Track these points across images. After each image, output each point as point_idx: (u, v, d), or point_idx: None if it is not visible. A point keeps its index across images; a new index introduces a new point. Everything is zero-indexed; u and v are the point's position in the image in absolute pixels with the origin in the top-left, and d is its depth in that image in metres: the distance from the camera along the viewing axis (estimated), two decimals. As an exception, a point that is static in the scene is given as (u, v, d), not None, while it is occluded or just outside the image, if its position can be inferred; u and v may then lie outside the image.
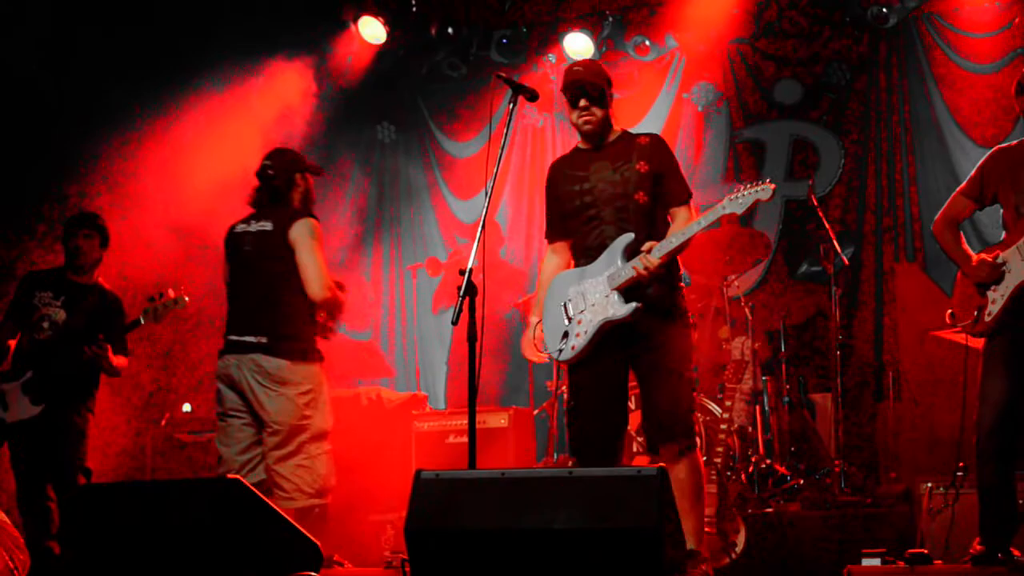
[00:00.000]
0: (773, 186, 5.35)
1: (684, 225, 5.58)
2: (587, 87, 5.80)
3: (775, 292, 9.16)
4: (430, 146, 11.78)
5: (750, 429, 8.52)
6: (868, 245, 10.19)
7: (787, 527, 7.41)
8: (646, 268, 5.42)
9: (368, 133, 11.87)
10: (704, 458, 7.44)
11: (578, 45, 10.67)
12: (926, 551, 5.63)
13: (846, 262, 8.83)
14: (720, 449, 7.12)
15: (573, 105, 5.84)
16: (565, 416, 6.03)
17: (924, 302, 8.61)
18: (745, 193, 5.41)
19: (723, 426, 7.31)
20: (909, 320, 8.80)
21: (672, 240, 5.46)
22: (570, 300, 5.74)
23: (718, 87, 10.90)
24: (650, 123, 10.95)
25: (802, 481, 8.25)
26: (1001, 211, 5.83)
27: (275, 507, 4.92)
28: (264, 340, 6.44)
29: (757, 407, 8.67)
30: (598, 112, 5.82)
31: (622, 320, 5.50)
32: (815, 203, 8.82)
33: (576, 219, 5.83)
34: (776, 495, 8.08)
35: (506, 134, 5.56)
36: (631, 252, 5.53)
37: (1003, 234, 5.77)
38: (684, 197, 5.82)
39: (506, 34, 10.85)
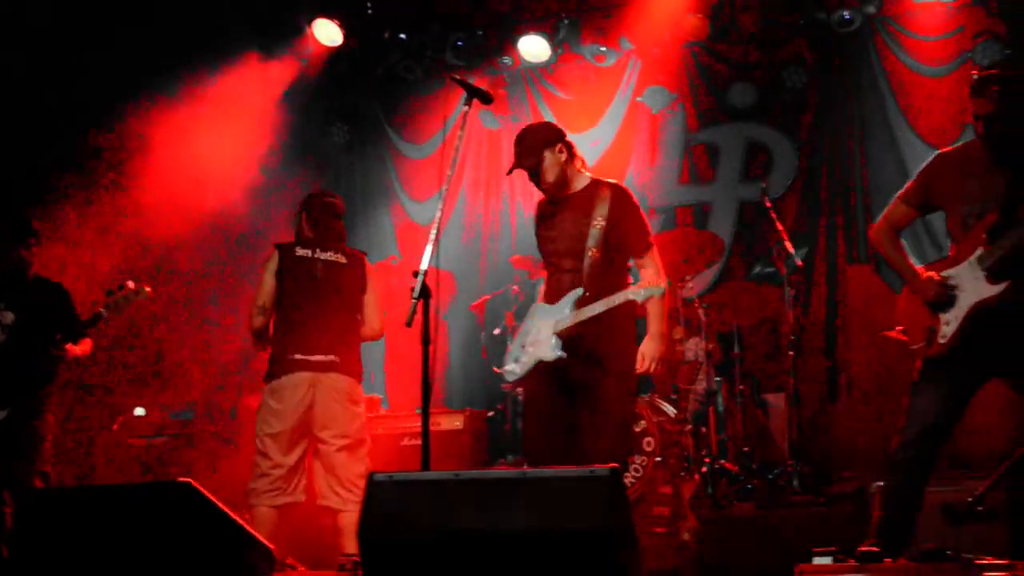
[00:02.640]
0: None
1: (651, 278, 6.02)
2: (525, 168, 6.21)
3: (729, 293, 9.19)
4: (385, 148, 11.76)
5: (704, 429, 8.57)
6: (821, 246, 10.26)
7: (740, 526, 7.47)
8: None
9: (323, 135, 11.83)
10: (659, 458, 7.51)
11: (533, 48, 10.69)
12: (877, 549, 5.65)
13: (799, 263, 8.86)
14: (674, 450, 7.16)
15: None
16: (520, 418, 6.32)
17: (875, 303, 8.69)
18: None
19: (677, 426, 7.35)
20: (861, 320, 8.88)
21: (590, 309, 5.91)
22: (528, 331, 6.23)
23: (673, 90, 10.94)
24: (605, 127, 11.00)
25: (755, 481, 8.30)
26: (946, 218, 5.67)
27: (227, 511, 4.91)
28: (337, 360, 7.08)
29: (711, 407, 8.72)
30: (548, 178, 6.19)
31: (551, 362, 5.97)
32: (768, 205, 8.87)
33: (547, 263, 6.37)
34: (730, 494, 8.13)
35: (460, 136, 5.58)
36: (580, 304, 5.94)
37: (950, 244, 5.63)
38: (643, 248, 6.20)
39: (462, 36, 10.84)
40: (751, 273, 10.40)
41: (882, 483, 5.74)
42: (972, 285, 5.36)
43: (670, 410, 8.32)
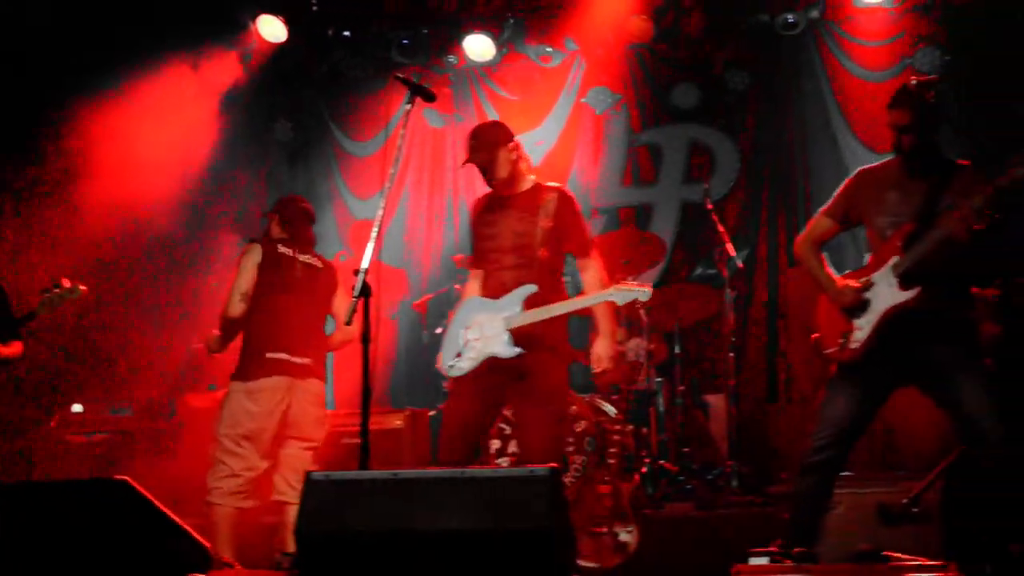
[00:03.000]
0: (650, 292, 6.02)
1: (594, 287, 6.27)
2: (479, 162, 6.33)
3: (670, 294, 9.22)
4: (329, 145, 11.69)
5: (644, 429, 8.60)
6: (762, 248, 10.33)
7: (679, 526, 7.50)
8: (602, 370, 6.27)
9: (266, 131, 11.75)
10: (599, 458, 7.53)
11: (479, 47, 10.68)
12: (812, 549, 5.69)
13: (740, 265, 8.93)
14: (613, 450, 7.17)
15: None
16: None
17: (814, 305, 8.74)
18: (630, 291, 6.01)
19: (617, 426, 7.36)
20: (800, 322, 8.93)
21: (558, 308, 6.10)
22: (470, 326, 6.23)
23: (616, 91, 10.97)
24: (549, 127, 11.02)
25: (695, 481, 8.35)
26: (866, 232, 5.79)
27: (164, 508, 4.87)
28: (313, 363, 7.11)
29: (651, 407, 8.75)
30: (501, 174, 6.32)
31: (506, 358, 6.05)
32: (710, 206, 8.93)
33: (484, 259, 6.39)
34: (669, 495, 8.17)
35: (402, 135, 5.57)
36: (529, 302, 6.06)
37: (868, 256, 5.72)
38: (587, 250, 6.37)
39: (407, 35, 10.81)
40: (693, 274, 10.46)
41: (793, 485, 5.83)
42: (885, 291, 5.48)
43: (611, 410, 8.33)
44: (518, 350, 6.02)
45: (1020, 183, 5.10)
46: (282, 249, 7.13)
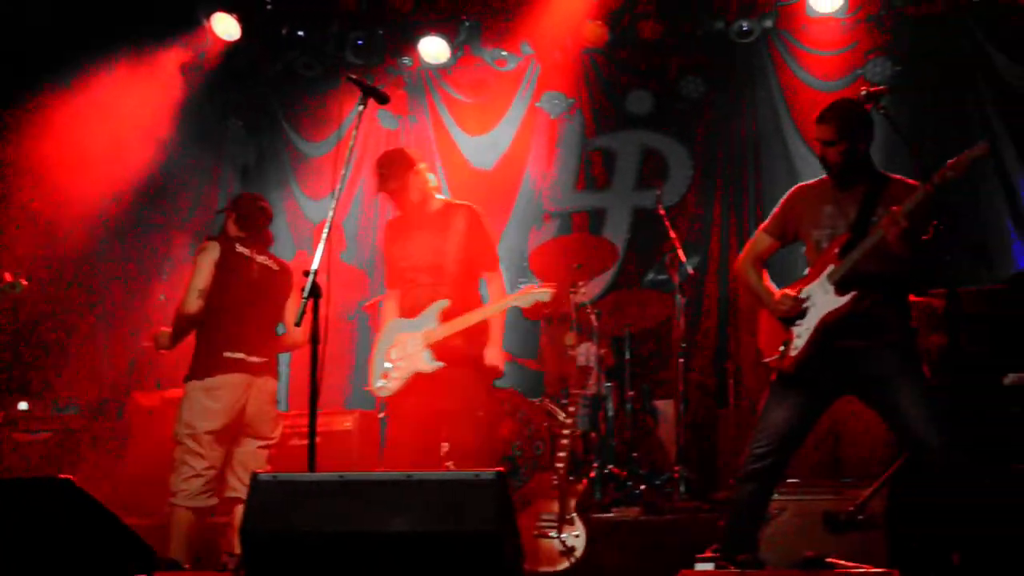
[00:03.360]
0: (554, 291, 6.57)
1: (497, 299, 6.79)
2: (391, 190, 6.75)
3: (621, 299, 9.24)
4: (282, 145, 11.65)
5: (593, 434, 8.61)
6: (714, 255, 10.37)
7: (626, 531, 7.52)
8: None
9: (219, 130, 11.68)
10: (547, 462, 7.54)
11: (433, 49, 10.67)
12: (756, 556, 5.72)
13: (691, 272, 8.97)
14: (563, 454, 7.18)
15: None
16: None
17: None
18: (531, 294, 6.52)
19: (566, 431, 7.37)
20: (750, 328, 8.98)
21: (471, 317, 6.53)
22: (394, 345, 6.66)
23: (571, 96, 10.99)
24: (503, 130, 11.03)
25: (643, 486, 8.36)
26: (803, 249, 5.84)
27: (108, 509, 4.83)
28: (269, 362, 7.16)
29: (601, 412, 8.77)
30: (414, 199, 6.74)
31: (429, 373, 6.49)
32: (662, 212, 8.96)
33: (400, 279, 6.85)
34: (617, 499, 8.18)
35: (355, 136, 5.56)
36: (444, 316, 6.53)
37: (807, 269, 5.74)
38: (493, 265, 6.91)
39: (361, 35, 10.78)
40: (644, 280, 10.50)
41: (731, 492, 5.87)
42: (822, 299, 5.53)
43: (560, 414, 8.34)
44: (439, 364, 6.43)
45: (951, 182, 5.17)
46: (240, 249, 7.09)
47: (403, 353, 6.58)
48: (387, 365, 6.66)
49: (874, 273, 5.43)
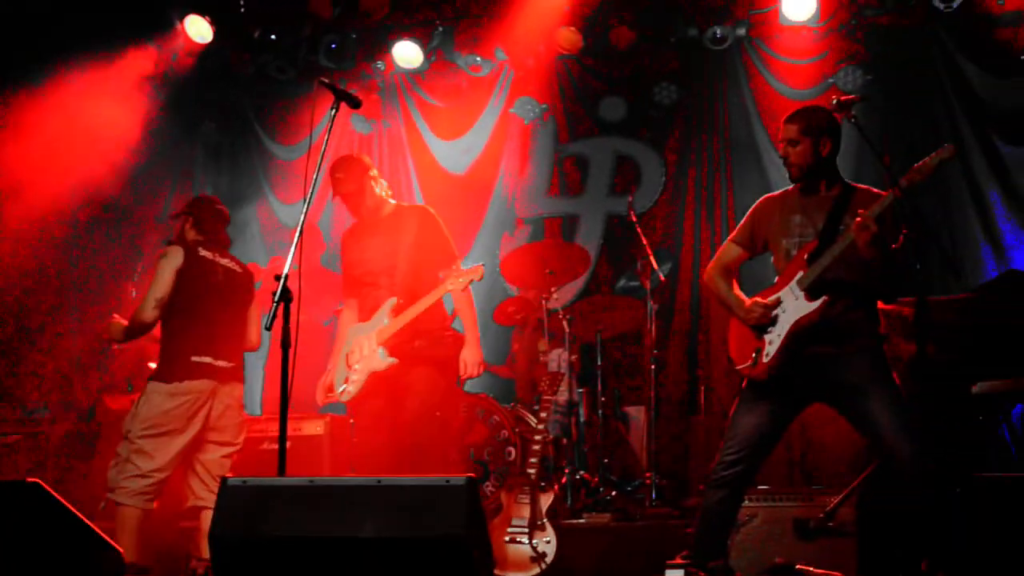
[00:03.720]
0: (483, 269, 6.59)
1: (463, 303, 6.91)
2: (347, 193, 6.93)
3: (593, 305, 9.26)
4: (255, 148, 11.60)
5: (565, 440, 8.62)
6: (685, 262, 10.39)
7: (597, 537, 7.52)
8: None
9: (192, 132, 11.63)
10: (519, 468, 7.54)
11: (407, 53, 10.66)
12: (727, 563, 5.74)
13: (662, 279, 9.00)
14: (534, 460, 7.18)
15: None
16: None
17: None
18: (461, 276, 6.57)
19: (538, 436, 7.37)
20: (721, 335, 9.01)
21: (414, 308, 6.64)
22: (352, 351, 6.80)
23: (544, 102, 11.00)
24: (476, 135, 11.03)
25: (614, 492, 8.37)
26: (772, 259, 5.87)
27: (77, 512, 4.81)
28: (236, 367, 7.17)
29: (572, 418, 8.77)
30: (369, 203, 6.94)
31: (383, 371, 6.62)
32: (634, 219, 8.99)
33: (359, 285, 6.99)
34: (588, 505, 8.19)
35: (327, 140, 5.55)
36: (395, 312, 6.67)
37: (776, 278, 5.77)
38: (449, 263, 6.91)
39: (335, 39, 10.76)
40: (616, 286, 10.52)
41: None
42: (793, 305, 5.55)
43: (531, 420, 8.35)
44: (391, 360, 6.57)
45: (918, 185, 5.21)
46: (203, 252, 7.05)
47: (360, 355, 6.72)
48: (346, 371, 6.78)
49: (843, 279, 5.46)
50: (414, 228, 6.86)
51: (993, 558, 5.32)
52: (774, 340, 5.55)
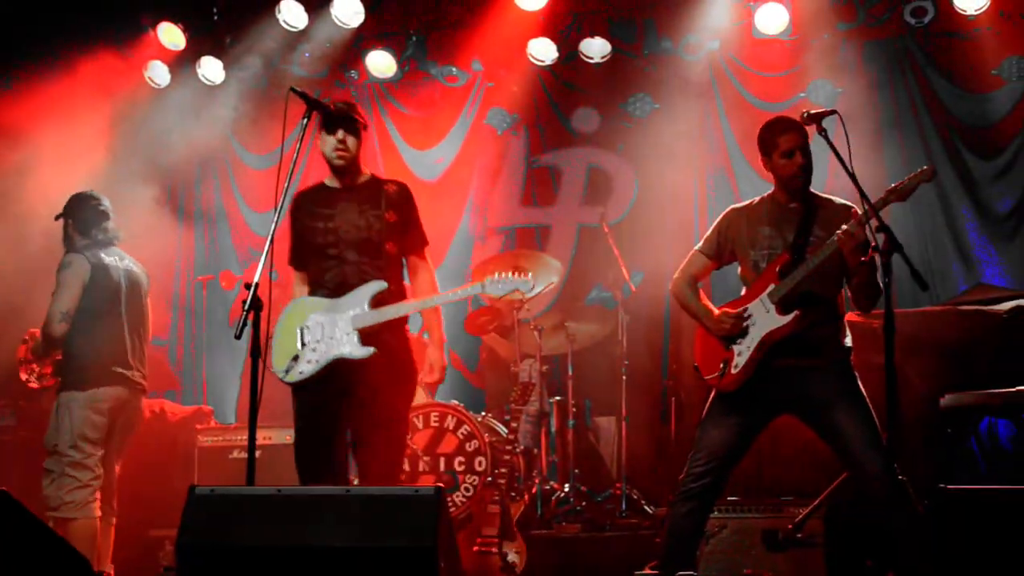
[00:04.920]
0: (532, 283, 5.78)
1: (427, 287, 6.13)
2: (349, 118, 5.96)
3: (565, 316, 9.27)
4: (227, 156, 11.57)
5: (535, 450, 8.64)
6: (657, 273, 10.39)
7: (567, 547, 7.54)
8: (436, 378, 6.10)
9: (164, 140, 11.56)
10: (489, 478, 7.54)
11: (380, 62, 10.66)
12: (694, 573, 5.75)
13: (633, 289, 9.03)
14: (504, 470, 7.19)
15: (329, 132, 5.97)
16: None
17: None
18: (508, 279, 5.75)
19: (508, 446, 7.38)
20: (690, 347, 9.01)
21: (415, 304, 5.96)
22: (308, 327, 5.86)
23: (518, 112, 11.00)
24: (449, 145, 11.03)
25: (584, 503, 8.38)
26: (739, 270, 5.90)
27: (43, 521, 4.78)
28: (144, 378, 7.10)
29: (543, 429, 8.79)
30: (353, 148, 5.99)
31: (357, 359, 5.74)
32: (606, 230, 9.02)
33: (318, 255, 6.00)
34: (558, 516, 8.20)
35: (298, 149, 5.53)
36: (378, 299, 5.80)
37: (743, 289, 5.80)
38: (421, 247, 6.20)
39: (308, 48, 10.73)
40: (588, 297, 10.52)
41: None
42: (763, 318, 5.57)
43: (502, 430, 8.36)
44: (370, 350, 5.72)
45: (893, 203, 5.25)
46: (107, 260, 7.03)
47: (321, 335, 5.82)
48: (298, 348, 5.83)
49: (814, 293, 5.48)
50: (395, 203, 6.02)
51: (961, 571, 5.35)
52: (743, 352, 5.57)
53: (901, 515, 5.26)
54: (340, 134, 5.92)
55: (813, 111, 5.48)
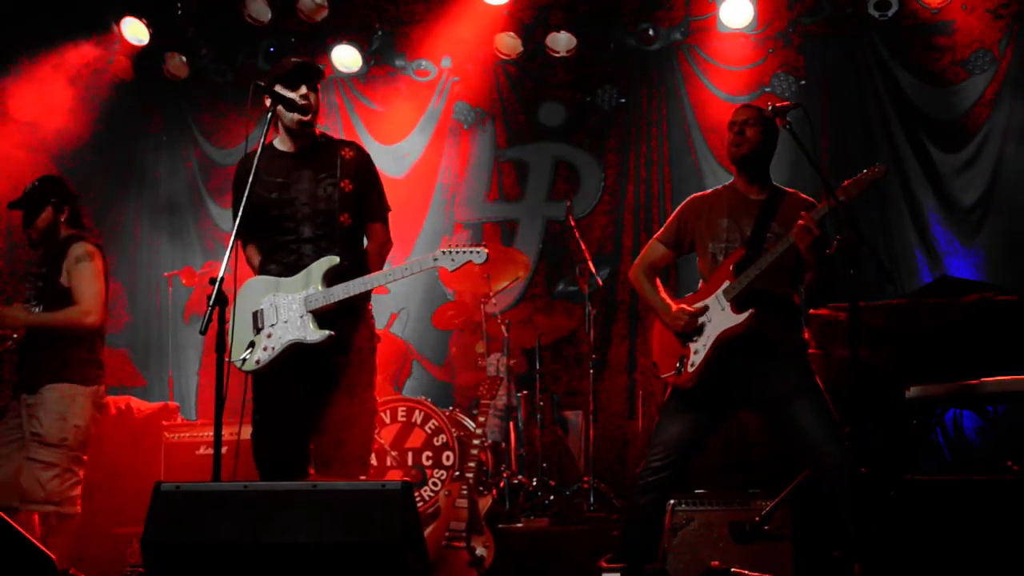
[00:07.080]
0: (488, 251, 5.24)
1: (373, 257, 5.60)
2: (312, 73, 5.59)
3: (532, 310, 9.27)
4: (192, 151, 11.51)
5: (503, 444, 8.64)
6: (624, 267, 10.43)
7: (535, 541, 7.54)
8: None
9: (129, 135, 11.49)
10: (457, 472, 7.54)
11: (346, 57, 10.63)
12: (662, 566, 5.76)
13: (600, 283, 9.04)
14: (472, 464, 7.18)
15: (291, 88, 5.51)
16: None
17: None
18: (460, 251, 5.27)
19: (476, 441, 7.37)
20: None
21: (372, 280, 5.34)
22: (262, 310, 5.47)
23: (484, 106, 11.00)
24: (415, 140, 11.02)
25: (552, 497, 8.39)
26: (697, 260, 5.89)
27: (6, 518, 4.73)
28: None
29: (511, 423, 8.79)
30: (314, 104, 5.57)
31: (312, 344, 5.32)
32: (573, 224, 9.03)
33: (271, 228, 5.53)
34: (526, 510, 8.20)
35: (263, 144, 5.50)
36: (331, 276, 5.34)
37: (700, 283, 5.81)
38: (382, 213, 5.71)
39: (273, 42, 10.70)
40: (555, 291, 10.55)
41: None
42: (719, 315, 5.57)
43: (470, 424, 8.36)
44: (326, 333, 5.28)
45: (853, 197, 5.25)
46: (106, 256, 6.86)
47: (276, 319, 5.40)
48: (252, 335, 5.46)
49: (770, 290, 5.49)
50: (352, 169, 5.57)
51: (926, 560, 5.38)
52: (699, 350, 5.58)
53: (862, 506, 5.25)
54: (303, 89, 5.50)
55: (778, 104, 5.48)
